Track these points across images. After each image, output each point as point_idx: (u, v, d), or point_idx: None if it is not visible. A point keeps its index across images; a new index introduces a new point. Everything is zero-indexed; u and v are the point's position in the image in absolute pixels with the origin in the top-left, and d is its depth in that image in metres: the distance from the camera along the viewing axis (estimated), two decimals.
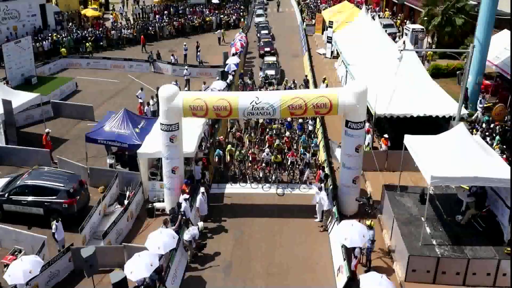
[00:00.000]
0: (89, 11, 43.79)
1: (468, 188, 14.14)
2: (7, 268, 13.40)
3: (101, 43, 37.99)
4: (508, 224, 12.66)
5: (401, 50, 16.37)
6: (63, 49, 34.01)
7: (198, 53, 34.60)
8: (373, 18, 30.83)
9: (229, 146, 19.63)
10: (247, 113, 15.09)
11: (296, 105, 14.75)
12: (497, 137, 17.79)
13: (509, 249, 12.58)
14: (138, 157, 17.31)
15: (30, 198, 15.66)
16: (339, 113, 15.11)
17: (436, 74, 28.28)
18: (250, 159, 19.01)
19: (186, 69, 29.52)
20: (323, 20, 41.48)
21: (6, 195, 15.76)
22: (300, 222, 16.13)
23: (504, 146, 17.32)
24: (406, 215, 14.39)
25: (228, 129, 22.85)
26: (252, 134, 21.51)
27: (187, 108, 15.23)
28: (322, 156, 19.22)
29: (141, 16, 48.80)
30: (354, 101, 14.64)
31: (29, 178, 16.06)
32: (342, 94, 14.82)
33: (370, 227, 13.14)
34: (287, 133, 20.66)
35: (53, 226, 14.20)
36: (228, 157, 19.46)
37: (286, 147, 19.87)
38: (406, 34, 34.05)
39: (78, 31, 38.37)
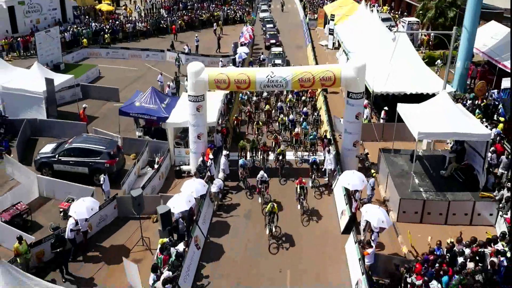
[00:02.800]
0: (104, 6, 46.47)
1: (450, 148, 16.78)
2: (63, 214, 16.11)
3: (117, 36, 40.54)
4: (482, 171, 15.26)
5: (395, 32, 18.94)
6: (84, 40, 36.61)
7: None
8: (371, 11, 33.41)
9: (242, 142, 20.00)
10: (263, 86, 17.69)
11: (306, 78, 17.35)
12: (477, 110, 20.37)
13: (483, 193, 15.19)
14: (166, 126, 19.93)
15: (77, 159, 18.25)
16: (342, 85, 17.74)
17: (430, 62, 30.93)
18: (263, 153, 19.63)
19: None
20: (325, 14, 44.08)
21: (56, 157, 18.36)
22: (307, 181, 18.67)
23: (484, 119, 19.87)
24: (398, 170, 17.01)
25: (241, 108, 25.42)
26: (260, 123, 22.55)
27: (212, 82, 17.81)
28: (326, 128, 21.74)
29: (152, 11, 51.35)
30: (354, 75, 17.25)
31: (76, 142, 18.65)
32: (344, 69, 17.46)
33: (371, 176, 15.77)
34: (297, 129, 21.10)
35: (101, 178, 16.82)
36: (239, 152, 19.83)
37: (294, 140, 20.74)
38: (403, 27, 36.71)
39: (96, 24, 40.94)
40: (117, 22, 42.79)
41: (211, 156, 17.94)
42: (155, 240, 14.54)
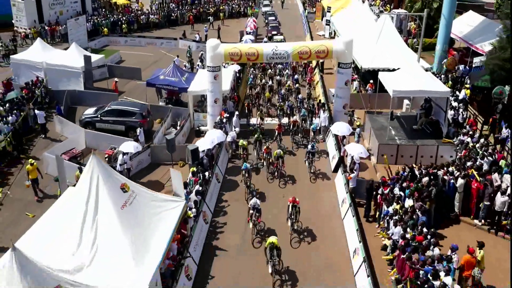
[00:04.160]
0: (120, 0, 50.57)
1: (421, 106, 20.71)
2: (107, 159, 19.94)
3: (132, 26, 44.48)
4: (444, 122, 19.17)
5: (378, 14, 22.79)
6: (105, 29, 40.54)
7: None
8: (363, 1, 37.39)
9: (241, 141, 19.83)
10: (269, 58, 21.58)
11: (304, 51, 21.23)
12: (449, 82, 24.28)
13: (445, 139, 19.06)
14: (188, 94, 23.82)
15: (115, 118, 22.13)
16: (333, 57, 21.63)
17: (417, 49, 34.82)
18: (265, 155, 19.24)
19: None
20: (322, 8, 47.98)
21: (98, 116, 22.26)
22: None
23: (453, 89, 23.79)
24: (379, 126, 20.86)
25: (248, 90, 28.99)
26: (264, 110, 24.12)
27: (226, 54, 21.67)
28: (320, 95, 25.57)
29: (162, 5, 55.24)
30: (343, 48, 21.15)
31: (114, 105, 22.56)
32: (335, 43, 21.37)
33: (358, 126, 19.71)
34: (295, 117, 22.25)
35: (138, 131, 20.71)
36: (240, 150, 19.67)
37: (292, 126, 21.76)
38: (393, 18, 40.60)
39: (114, 16, 44.93)
40: (132, 14, 46.74)
41: (226, 115, 21.84)
42: (182, 179, 18.31)
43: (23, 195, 17.93)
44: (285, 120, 23.24)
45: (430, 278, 11.18)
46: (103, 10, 49.25)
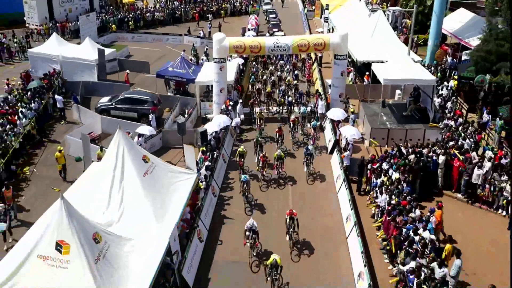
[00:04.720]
0: None
1: (410, 94, 22.53)
2: None
3: (138, 23, 46.31)
4: (430, 108, 20.98)
5: (371, 10, 24.60)
6: (113, 25, 42.37)
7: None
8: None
9: (241, 147, 19.45)
10: (271, 50, 23.38)
11: (303, 44, 23.03)
12: (439, 73, 26.10)
13: (432, 124, 20.87)
14: (195, 85, 25.63)
15: (128, 106, 23.94)
16: (330, 49, 23.43)
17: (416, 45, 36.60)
18: (261, 163, 18.74)
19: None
20: (321, 6, 49.77)
21: (113, 104, 24.07)
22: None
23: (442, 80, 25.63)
24: (372, 112, 22.66)
25: (249, 85, 30.65)
26: (263, 113, 23.90)
27: (231, 47, 23.47)
28: (318, 86, 27.43)
29: (166, 3, 57.07)
30: (340, 41, 22.96)
31: (127, 93, 24.39)
32: (332, 37, 23.19)
33: (353, 113, 21.51)
34: (294, 114, 22.77)
35: (150, 117, 22.51)
36: (237, 158, 19.33)
37: (292, 125, 21.94)
38: (388, 15, 42.40)
39: (121, 13, 46.79)
40: (138, 12, 48.59)
41: (231, 103, 23.68)
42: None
43: (48, 173, 19.75)
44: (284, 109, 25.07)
45: (412, 234, 13.00)
46: (110, 8, 51.09)
